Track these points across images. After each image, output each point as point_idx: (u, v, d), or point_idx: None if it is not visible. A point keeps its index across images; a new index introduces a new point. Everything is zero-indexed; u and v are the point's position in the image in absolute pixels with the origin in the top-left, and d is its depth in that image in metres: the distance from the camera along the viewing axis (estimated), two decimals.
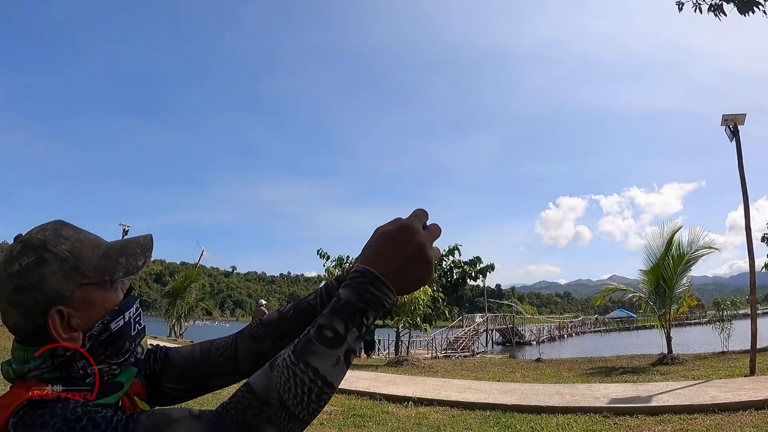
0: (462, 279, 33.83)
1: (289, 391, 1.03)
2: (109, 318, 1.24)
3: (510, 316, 53.60)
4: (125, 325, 1.27)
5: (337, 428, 7.05)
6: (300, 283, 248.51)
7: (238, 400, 1.05)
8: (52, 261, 1.21)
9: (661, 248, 15.63)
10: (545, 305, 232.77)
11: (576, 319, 79.02)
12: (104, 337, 1.23)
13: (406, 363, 16.58)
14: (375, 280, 1.12)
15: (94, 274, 1.24)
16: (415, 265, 1.15)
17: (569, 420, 7.23)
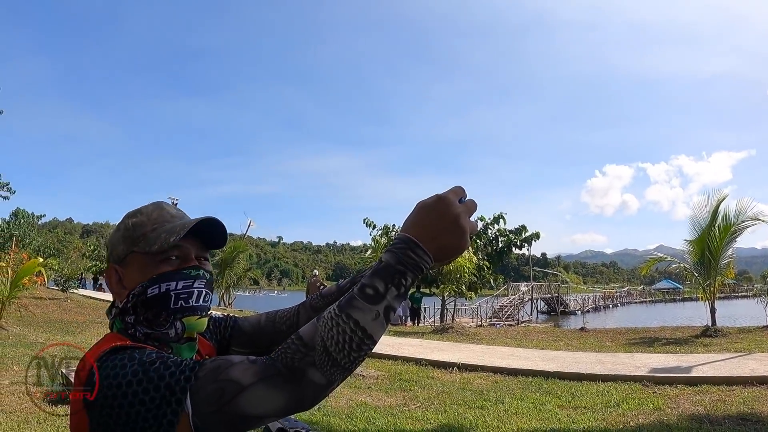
0: (507, 247, 33.64)
1: (332, 339, 1.18)
2: (147, 284, 1.44)
3: (555, 285, 53.28)
4: (162, 295, 1.45)
5: (384, 392, 7.35)
6: (346, 252, 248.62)
7: (287, 346, 1.21)
8: (122, 229, 1.53)
9: (707, 218, 15.29)
10: (591, 275, 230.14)
11: (621, 289, 77.99)
12: (141, 299, 1.44)
13: (451, 330, 16.81)
14: (413, 246, 1.24)
15: (141, 244, 1.48)
16: (451, 234, 1.26)
17: (609, 387, 7.43)
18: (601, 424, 5.52)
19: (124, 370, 1.24)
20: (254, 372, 1.20)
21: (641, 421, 5.63)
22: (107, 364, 1.26)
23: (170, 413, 1.19)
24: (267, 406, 1.20)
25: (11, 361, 8.10)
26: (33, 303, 17.45)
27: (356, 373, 8.29)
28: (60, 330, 12.74)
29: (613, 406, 6.39)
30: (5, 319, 12.13)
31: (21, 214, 67.01)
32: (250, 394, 1.19)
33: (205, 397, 1.19)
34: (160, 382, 1.21)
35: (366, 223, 34.26)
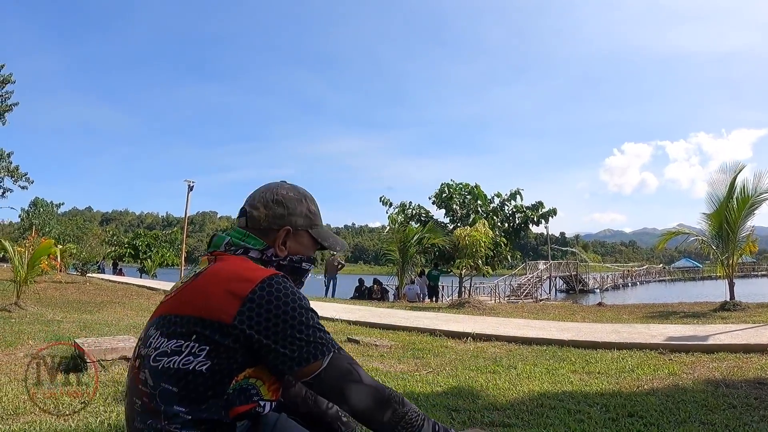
0: (524, 224, 33.52)
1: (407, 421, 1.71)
2: (305, 258, 2.03)
3: (574, 264, 53.13)
4: (305, 270, 2.04)
5: (397, 359, 7.34)
6: (365, 233, 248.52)
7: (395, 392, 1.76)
8: (305, 205, 2.05)
9: (725, 191, 15.02)
10: (610, 254, 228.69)
11: (641, 268, 77.52)
12: (294, 265, 1.99)
13: (468, 305, 16.78)
14: None
15: (315, 231, 2.06)
16: None
17: (624, 354, 7.37)
18: (615, 388, 5.47)
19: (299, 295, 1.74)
20: (372, 381, 1.75)
21: (656, 385, 5.57)
22: (272, 283, 1.71)
23: (319, 354, 1.69)
24: (357, 400, 1.70)
25: (27, 336, 8.23)
26: (52, 286, 17.76)
27: (370, 342, 8.31)
28: (77, 309, 12.87)
29: (627, 371, 6.33)
30: (23, 299, 12.25)
31: (40, 204, 67.78)
32: (360, 387, 1.71)
33: (339, 366, 1.71)
34: (322, 330, 1.74)
35: (382, 201, 34.33)
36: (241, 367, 1.69)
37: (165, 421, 1.63)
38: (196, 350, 1.64)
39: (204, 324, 1.65)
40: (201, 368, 1.64)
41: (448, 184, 34.88)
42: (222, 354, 1.64)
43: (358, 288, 27.31)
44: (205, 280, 1.76)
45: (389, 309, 16.10)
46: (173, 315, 1.73)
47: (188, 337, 1.66)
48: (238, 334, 1.63)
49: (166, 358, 1.66)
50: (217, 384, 1.66)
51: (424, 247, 26.77)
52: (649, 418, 4.28)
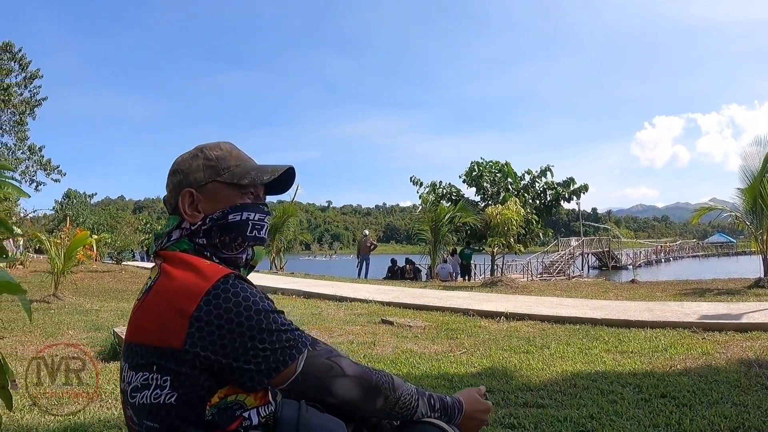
0: (555, 200, 33.27)
1: (403, 401, 1.74)
2: (229, 210, 1.72)
3: (606, 240, 52.75)
4: (242, 222, 1.73)
5: (431, 340, 7.41)
6: (396, 213, 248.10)
7: (384, 375, 1.74)
8: (202, 158, 1.75)
9: (759, 165, 14.70)
10: (642, 229, 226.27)
11: (674, 243, 76.70)
12: (221, 223, 1.70)
13: (501, 284, 16.78)
14: (460, 410, 1.86)
15: (227, 176, 1.73)
16: (476, 422, 1.91)
17: (657, 333, 7.38)
18: (648, 368, 5.51)
19: (253, 298, 1.54)
20: (356, 370, 1.70)
21: (689, 365, 5.60)
22: (226, 287, 1.52)
23: (288, 359, 1.56)
24: (346, 393, 1.66)
25: (66, 327, 8.45)
26: (88, 276, 18.09)
27: (403, 323, 8.40)
28: (114, 298, 13.11)
29: (660, 350, 6.35)
30: (61, 290, 12.52)
31: (73, 195, 68.67)
32: (345, 381, 1.65)
33: (316, 364, 1.62)
34: (287, 330, 1.58)
35: (413, 181, 34.30)
36: (210, 391, 1.52)
37: None
38: (161, 382, 1.51)
39: (158, 353, 1.51)
40: (170, 400, 1.50)
41: (478, 162, 34.74)
42: (185, 382, 1.50)
43: (390, 268, 27.40)
44: (152, 299, 1.58)
45: (422, 289, 16.18)
46: (134, 344, 1.58)
47: (150, 368, 1.52)
48: (192, 359, 1.48)
49: (139, 394, 1.54)
50: (190, 414, 1.51)
51: (455, 226, 26.73)
52: (681, 399, 4.32)
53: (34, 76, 45.57)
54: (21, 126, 45.08)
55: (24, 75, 45.24)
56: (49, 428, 3.82)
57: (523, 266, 33.09)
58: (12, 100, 43.53)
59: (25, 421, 3.97)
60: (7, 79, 43.97)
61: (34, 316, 9.21)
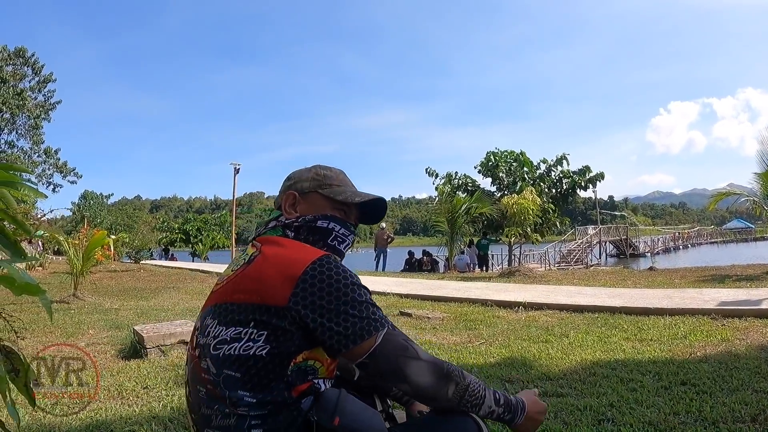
0: (572, 189, 33.10)
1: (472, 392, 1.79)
2: (320, 216, 2.01)
3: (623, 228, 52.50)
4: (328, 229, 2.01)
5: (449, 331, 7.43)
6: (412, 205, 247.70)
7: (455, 367, 1.80)
8: (313, 173, 2.11)
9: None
10: (659, 216, 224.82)
11: (692, 230, 76.14)
12: (310, 225, 1.99)
13: (518, 274, 16.78)
14: (523, 410, 1.89)
15: (327, 190, 2.06)
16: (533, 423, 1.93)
17: (676, 321, 7.36)
18: (667, 355, 5.50)
19: (350, 273, 1.78)
20: (429, 356, 1.78)
21: (708, 352, 5.58)
22: (323, 263, 1.76)
23: (372, 329, 1.72)
24: (419, 378, 1.72)
25: (87, 326, 8.50)
26: (107, 276, 18.25)
27: (422, 315, 8.43)
28: (133, 297, 13.20)
29: (680, 338, 6.34)
30: (81, 290, 12.62)
31: (90, 196, 69.27)
32: (419, 363, 1.73)
33: (393, 342, 1.74)
34: (374, 306, 1.77)
35: (428, 172, 34.30)
36: (299, 349, 1.73)
37: (231, 405, 1.70)
38: (255, 336, 1.70)
39: (261, 309, 1.71)
40: (261, 353, 1.70)
41: (494, 152, 34.66)
42: (280, 337, 1.70)
43: (408, 260, 27.46)
44: (258, 266, 1.81)
45: (440, 280, 16.20)
46: (229, 303, 1.79)
47: (246, 323, 1.72)
48: (293, 316, 1.69)
49: (227, 346, 1.73)
50: (277, 367, 1.71)
51: (472, 217, 26.69)
52: (701, 386, 4.31)
53: (47, 80, 46.20)
54: (36, 130, 45.67)
55: (37, 79, 45.96)
56: (71, 426, 3.86)
57: (540, 256, 33.05)
58: (26, 105, 44.12)
59: (47, 420, 4.02)
60: (20, 84, 44.64)
61: (54, 316, 9.33)
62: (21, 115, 44.18)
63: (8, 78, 43.20)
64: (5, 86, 42.82)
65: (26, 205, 13.49)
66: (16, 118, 43.97)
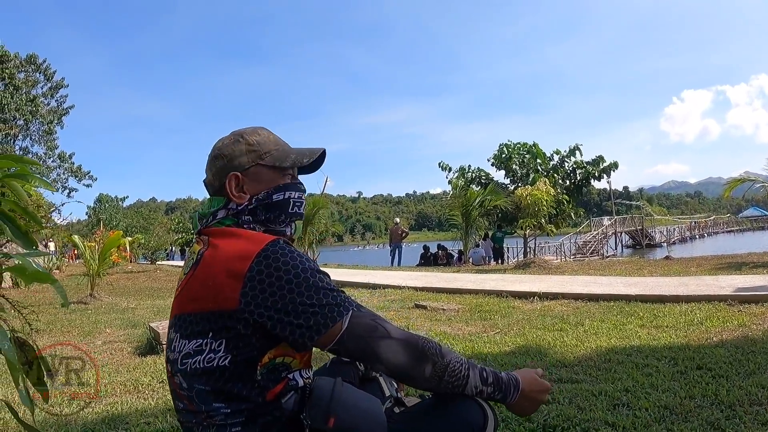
0: (585, 179, 32.90)
1: (453, 370, 1.69)
2: (273, 190, 1.86)
3: (639, 218, 52.28)
4: (285, 200, 1.88)
5: (464, 322, 7.43)
6: (426, 200, 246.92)
7: (431, 341, 1.72)
8: (242, 143, 1.88)
9: None
10: (675, 206, 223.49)
11: (708, 218, 75.64)
12: (266, 202, 1.84)
13: (534, 265, 16.76)
14: (517, 388, 1.79)
15: (268, 159, 1.88)
16: (532, 404, 1.84)
17: (692, 307, 7.32)
18: (683, 341, 5.48)
19: (301, 259, 1.66)
20: (401, 333, 1.69)
21: (725, 337, 5.56)
22: (274, 249, 1.65)
23: (336, 316, 1.61)
24: (392, 357, 1.64)
25: (104, 325, 8.60)
26: (124, 277, 18.44)
27: (437, 307, 8.43)
28: (149, 296, 13.32)
29: (695, 324, 6.31)
30: (97, 291, 12.76)
31: (105, 199, 69.70)
32: (390, 342, 1.65)
33: (362, 323, 1.64)
34: (334, 289, 1.66)
35: (441, 166, 34.23)
36: (262, 351, 1.65)
37: (209, 418, 1.65)
38: (215, 346, 1.62)
39: (214, 317, 1.62)
40: (224, 363, 1.62)
41: (507, 145, 34.55)
42: (239, 343, 1.61)
43: (423, 255, 27.48)
44: (204, 267, 1.70)
45: (455, 273, 16.19)
46: (186, 314, 1.70)
47: (204, 334, 1.63)
48: (247, 318, 1.59)
49: (191, 360, 1.66)
50: (243, 374, 1.64)
51: (486, 210, 26.65)
52: (717, 371, 4.30)
53: (59, 86, 46.72)
54: (50, 135, 46.18)
55: (49, 85, 46.47)
56: (88, 420, 3.90)
57: (556, 248, 32.97)
58: (39, 111, 44.60)
59: (64, 413, 4.06)
60: (33, 91, 45.08)
61: (71, 316, 9.42)
62: (34, 122, 44.72)
63: (21, 85, 43.72)
64: (18, 93, 43.33)
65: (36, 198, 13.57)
66: (29, 125, 44.51)
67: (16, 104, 42.52)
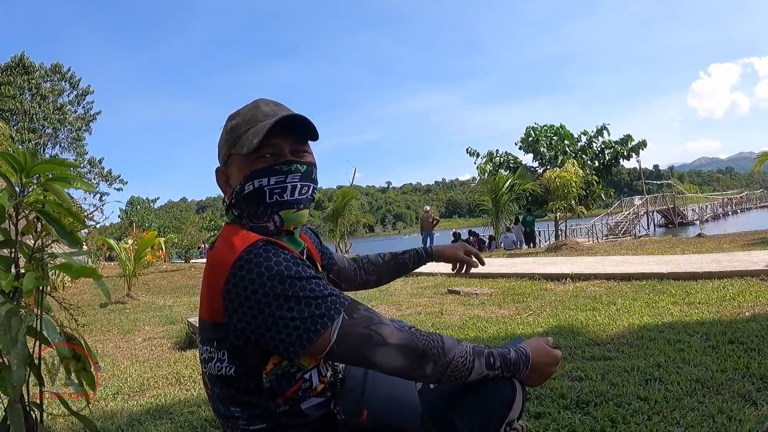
0: (614, 159, 32.69)
1: (456, 364, 1.59)
2: (243, 181, 1.65)
3: (670, 197, 51.76)
4: (256, 191, 1.64)
5: (497, 305, 7.50)
6: (455, 187, 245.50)
7: (431, 338, 1.60)
8: (223, 133, 1.74)
9: None
10: (707, 183, 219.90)
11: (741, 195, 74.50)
12: (241, 195, 1.67)
13: (565, 247, 16.74)
14: (527, 363, 1.72)
15: (237, 147, 1.65)
16: (541, 375, 1.78)
17: (725, 283, 7.31)
18: (715, 316, 5.50)
19: (279, 267, 1.48)
20: (399, 337, 1.55)
21: (757, 311, 5.57)
22: (255, 251, 1.50)
23: (320, 327, 1.47)
24: (389, 363, 1.53)
25: (143, 323, 8.80)
26: (159, 276, 18.70)
27: (470, 291, 8.51)
28: (185, 293, 13.55)
29: (728, 300, 6.32)
30: (134, 290, 13.03)
31: (136, 202, 70.29)
32: (387, 350, 1.53)
33: (353, 333, 1.50)
34: (318, 296, 1.50)
35: (469, 152, 34.22)
36: (262, 360, 1.55)
37: (232, 420, 1.62)
38: (220, 355, 1.57)
39: (212, 327, 1.57)
40: (230, 372, 1.56)
41: (533, 128, 34.45)
42: (238, 354, 1.54)
43: (453, 242, 27.47)
44: (205, 274, 1.62)
45: (487, 258, 16.10)
46: (200, 318, 1.67)
47: (210, 342, 1.59)
48: (234, 332, 1.51)
49: (206, 365, 1.63)
50: (249, 383, 1.57)
51: (516, 194, 26.63)
52: (749, 344, 4.32)
53: (85, 93, 47.36)
54: (79, 142, 46.76)
55: (75, 92, 47.09)
56: (132, 411, 4.05)
57: (587, 229, 32.80)
58: (67, 118, 45.21)
59: (109, 408, 4.22)
60: (60, 99, 45.72)
61: (110, 316, 9.66)
62: (63, 129, 45.26)
63: (47, 94, 44.32)
64: (45, 102, 43.92)
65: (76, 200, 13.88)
66: (58, 132, 45.05)
67: (43, 113, 43.11)
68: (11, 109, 40.63)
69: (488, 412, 1.71)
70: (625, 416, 3.01)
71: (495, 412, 1.72)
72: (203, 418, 3.61)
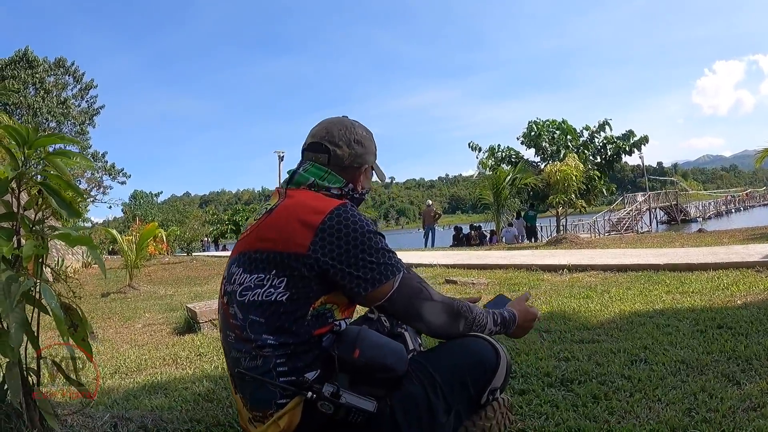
0: (616, 154, 32.69)
1: (477, 319, 2.15)
2: (367, 190, 2.30)
3: (673, 194, 51.70)
4: (362, 195, 2.25)
5: (492, 294, 7.47)
6: (459, 183, 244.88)
7: (464, 303, 2.14)
8: (374, 143, 2.30)
9: None
10: (710, 180, 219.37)
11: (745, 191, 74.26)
12: (361, 197, 2.24)
13: (565, 241, 16.78)
14: (514, 321, 2.32)
15: (376, 167, 2.32)
16: (523, 330, 2.41)
17: (719, 274, 7.35)
18: (707, 304, 5.54)
19: (366, 221, 1.96)
20: (441, 297, 2.05)
21: (749, 300, 5.60)
22: (341, 211, 1.93)
23: (390, 274, 1.93)
24: (432, 318, 2.00)
25: (143, 311, 8.92)
26: (161, 268, 18.85)
27: (467, 281, 8.57)
28: (187, 284, 13.61)
29: (721, 289, 6.36)
30: (136, 281, 13.10)
31: (139, 195, 70.51)
32: (433, 304, 2.00)
33: (410, 285, 1.97)
34: (390, 252, 1.97)
35: (471, 147, 34.23)
36: (317, 294, 1.89)
37: (257, 348, 1.88)
38: (276, 282, 1.87)
39: (281, 257, 1.87)
40: (281, 298, 1.86)
41: (536, 122, 34.49)
42: (299, 283, 1.86)
43: (455, 236, 27.60)
44: (278, 216, 1.97)
45: (486, 251, 16.30)
46: (252, 251, 1.95)
47: (268, 270, 1.88)
48: (313, 263, 1.85)
49: (251, 292, 1.90)
50: (296, 311, 1.87)
51: (517, 189, 26.67)
52: (738, 329, 4.36)
53: (89, 87, 47.63)
54: (82, 135, 46.98)
55: (79, 87, 47.29)
56: (129, 388, 4.13)
57: (589, 225, 32.82)
58: (71, 113, 45.39)
59: (107, 385, 4.31)
60: (63, 93, 45.89)
61: (111, 305, 9.76)
62: (66, 123, 45.45)
63: (51, 89, 44.67)
64: (49, 97, 44.19)
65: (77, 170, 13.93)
66: (61, 127, 45.23)
67: (47, 107, 43.30)
68: (15, 103, 40.77)
69: (469, 374, 2.06)
70: (607, 393, 3.07)
71: (477, 375, 2.08)
72: (197, 393, 3.69)
